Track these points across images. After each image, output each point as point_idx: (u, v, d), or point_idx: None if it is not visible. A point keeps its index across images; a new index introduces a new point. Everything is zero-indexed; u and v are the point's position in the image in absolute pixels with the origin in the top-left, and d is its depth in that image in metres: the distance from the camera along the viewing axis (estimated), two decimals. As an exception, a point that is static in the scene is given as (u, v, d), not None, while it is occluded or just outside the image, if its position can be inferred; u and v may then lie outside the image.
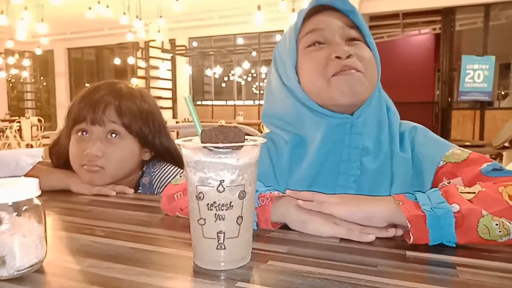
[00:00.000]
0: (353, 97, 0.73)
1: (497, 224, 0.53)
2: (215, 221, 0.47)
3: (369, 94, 0.76)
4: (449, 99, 7.75)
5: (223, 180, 0.46)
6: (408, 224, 0.54)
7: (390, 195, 0.60)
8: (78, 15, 8.23)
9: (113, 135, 0.96)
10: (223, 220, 0.47)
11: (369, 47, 0.79)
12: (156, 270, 0.48)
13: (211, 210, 0.47)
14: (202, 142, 0.46)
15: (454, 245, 0.55)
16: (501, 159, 3.55)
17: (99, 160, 0.94)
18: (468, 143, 3.42)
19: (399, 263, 0.50)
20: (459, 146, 0.76)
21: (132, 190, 0.98)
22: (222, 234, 0.47)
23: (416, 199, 0.57)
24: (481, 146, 3.47)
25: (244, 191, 0.48)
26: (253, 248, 0.52)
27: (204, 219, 0.47)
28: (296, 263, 0.50)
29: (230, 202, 0.47)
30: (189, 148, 0.48)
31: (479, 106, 7.24)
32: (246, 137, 0.50)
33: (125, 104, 0.97)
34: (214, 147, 0.46)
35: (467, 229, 0.54)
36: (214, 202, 0.47)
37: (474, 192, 0.57)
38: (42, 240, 0.49)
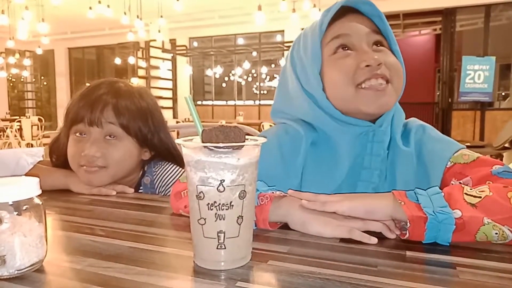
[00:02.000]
0: (380, 108, 0.74)
1: (496, 233, 0.54)
2: (215, 220, 0.47)
3: (394, 104, 0.76)
4: (450, 100, 7.75)
5: (224, 180, 0.46)
6: (408, 223, 0.54)
7: (389, 192, 0.60)
8: (78, 15, 8.25)
9: (111, 136, 0.96)
10: (223, 219, 0.47)
11: (394, 54, 0.77)
12: (156, 269, 0.48)
13: (212, 209, 0.47)
14: (203, 142, 0.46)
15: (447, 244, 0.55)
16: (501, 160, 3.55)
17: (98, 161, 0.94)
18: (468, 144, 3.41)
19: (399, 263, 0.50)
20: None
21: (132, 190, 0.98)
22: (222, 234, 0.47)
23: (417, 200, 0.56)
24: (481, 147, 3.47)
25: (244, 190, 0.48)
26: (253, 248, 0.52)
27: (205, 219, 0.47)
28: (296, 263, 0.50)
29: (231, 202, 0.47)
30: (190, 147, 0.48)
31: (479, 107, 7.24)
32: (247, 137, 0.50)
33: (123, 105, 0.96)
34: (215, 146, 0.46)
35: (465, 234, 0.54)
36: (215, 202, 0.47)
37: (480, 197, 0.56)
38: (43, 239, 0.49)
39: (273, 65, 11.53)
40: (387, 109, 0.75)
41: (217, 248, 0.48)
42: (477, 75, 6.37)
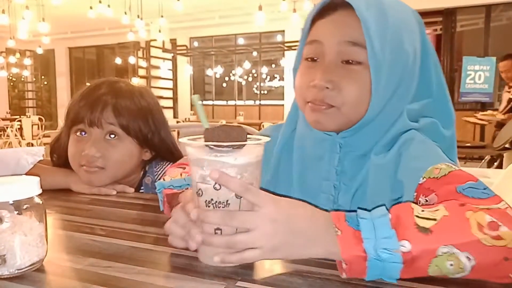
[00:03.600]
0: (320, 129, 0.70)
1: (451, 264, 0.44)
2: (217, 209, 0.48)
3: (342, 127, 0.69)
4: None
5: None
6: (344, 264, 0.45)
7: (329, 222, 0.48)
8: (79, 15, 8.24)
9: (112, 136, 0.96)
10: (222, 207, 0.48)
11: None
12: (156, 269, 0.48)
13: (209, 207, 0.48)
14: (205, 141, 0.47)
15: (395, 281, 0.45)
16: (502, 160, 3.55)
17: (98, 161, 0.94)
18: (468, 144, 3.41)
19: (399, 263, 0.50)
20: (460, 147, 0.71)
21: (133, 189, 0.98)
22: (219, 231, 0.48)
23: (358, 225, 0.46)
24: (482, 147, 3.47)
25: None
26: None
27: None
28: (296, 262, 0.50)
29: (227, 200, 0.48)
30: (192, 146, 0.49)
31: (479, 107, 7.24)
32: (250, 136, 0.50)
33: (123, 105, 0.96)
34: (215, 145, 0.46)
35: (415, 269, 0.45)
36: (212, 199, 0.48)
37: (435, 219, 0.46)
38: (43, 238, 0.49)
39: (273, 65, 11.51)
40: (322, 128, 0.69)
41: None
42: (477, 75, 6.36)
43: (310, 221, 0.48)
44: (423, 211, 0.47)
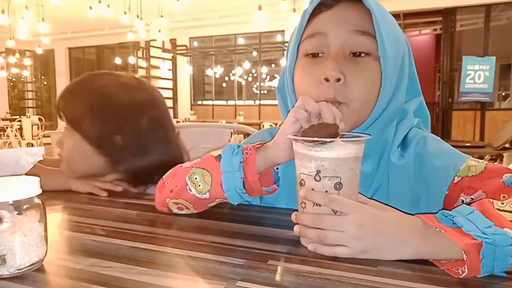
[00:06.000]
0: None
1: None
2: (313, 206, 0.52)
3: (353, 126, 0.67)
4: (450, 100, 7.75)
5: (319, 171, 0.52)
6: (464, 255, 0.45)
7: (418, 224, 0.50)
8: (79, 15, 8.25)
9: (67, 128, 0.97)
10: (319, 206, 0.52)
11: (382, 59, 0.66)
12: (157, 269, 0.48)
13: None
14: (301, 136, 0.54)
15: (505, 275, 0.46)
16: (502, 160, 3.55)
17: (60, 151, 0.97)
18: (468, 144, 3.42)
19: (399, 263, 0.50)
20: (460, 147, 0.73)
21: (121, 188, 0.95)
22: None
23: (454, 222, 0.48)
24: (482, 147, 3.47)
25: (340, 183, 0.52)
26: (253, 248, 0.52)
27: (305, 203, 0.54)
28: (296, 263, 0.50)
29: (326, 192, 0.52)
30: (293, 140, 0.55)
31: (479, 107, 7.24)
32: (347, 134, 0.56)
33: (71, 97, 0.94)
34: (304, 140, 0.53)
35: None
36: (312, 190, 0.52)
37: None
38: (43, 239, 0.49)
39: (273, 65, 11.51)
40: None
41: None
42: (477, 75, 6.36)
43: (398, 224, 0.51)
44: (502, 203, 0.50)
